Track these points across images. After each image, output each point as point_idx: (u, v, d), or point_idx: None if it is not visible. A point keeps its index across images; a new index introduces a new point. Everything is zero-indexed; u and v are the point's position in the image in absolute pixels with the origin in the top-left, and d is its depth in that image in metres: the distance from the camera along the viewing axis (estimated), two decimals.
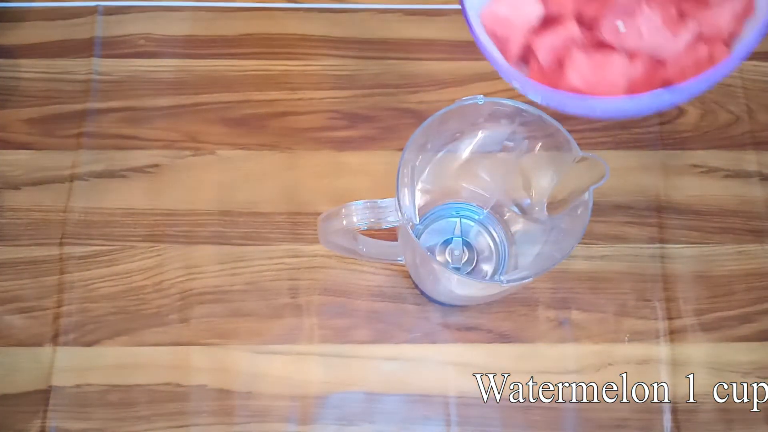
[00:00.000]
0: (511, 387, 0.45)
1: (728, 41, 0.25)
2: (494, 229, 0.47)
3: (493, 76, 0.53)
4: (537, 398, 0.45)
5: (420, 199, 0.45)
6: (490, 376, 0.45)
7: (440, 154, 0.42)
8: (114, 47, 0.53)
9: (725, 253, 0.49)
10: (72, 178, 0.49)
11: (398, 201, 0.35)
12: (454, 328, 0.47)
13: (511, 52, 0.28)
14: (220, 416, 0.44)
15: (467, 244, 0.47)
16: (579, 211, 0.36)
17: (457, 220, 0.47)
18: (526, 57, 0.28)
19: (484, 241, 0.47)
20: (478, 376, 0.45)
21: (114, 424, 0.44)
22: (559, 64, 0.27)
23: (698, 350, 0.46)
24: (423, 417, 0.45)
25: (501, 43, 0.28)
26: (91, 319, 0.46)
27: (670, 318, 0.47)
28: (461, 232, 0.47)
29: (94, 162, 0.50)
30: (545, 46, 0.28)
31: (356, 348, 0.46)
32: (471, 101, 0.36)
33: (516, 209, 0.45)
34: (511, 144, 0.40)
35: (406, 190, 0.37)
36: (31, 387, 0.45)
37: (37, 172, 0.50)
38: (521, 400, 0.45)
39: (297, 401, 0.45)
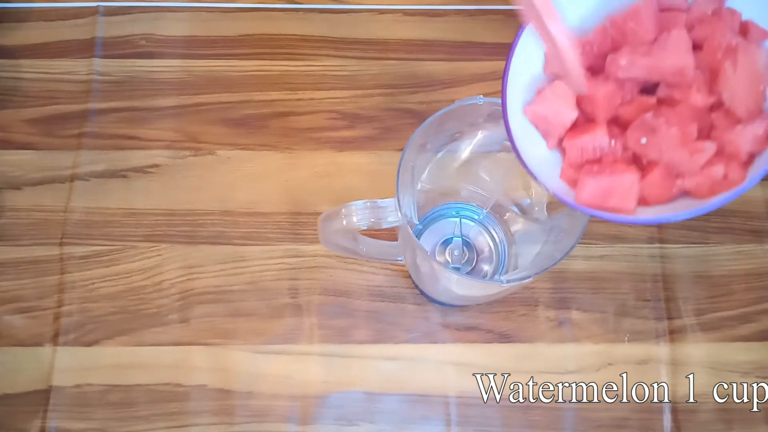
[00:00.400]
0: (511, 387, 0.45)
1: (748, 161, 0.26)
2: (494, 229, 0.47)
3: (493, 76, 0.53)
4: (537, 398, 0.45)
5: (420, 199, 0.45)
6: (490, 376, 0.45)
7: (440, 154, 0.43)
8: (115, 48, 0.53)
9: (725, 253, 0.49)
10: (73, 178, 0.50)
11: (398, 201, 0.35)
12: (454, 328, 0.47)
13: (551, 143, 0.29)
14: (220, 416, 0.44)
15: (467, 244, 0.47)
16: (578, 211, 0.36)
17: (457, 220, 0.48)
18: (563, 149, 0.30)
19: (483, 241, 0.47)
20: (478, 376, 0.45)
21: (114, 424, 0.44)
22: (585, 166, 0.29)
23: (698, 350, 0.46)
24: (423, 417, 0.45)
25: (542, 135, 0.30)
26: (91, 319, 0.46)
27: (669, 318, 0.47)
28: (461, 232, 0.47)
29: (94, 162, 0.50)
30: (575, 148, 0.29)
31: (356, 348, 0.46)
32: (471, 101, 0.36)
33: (516, 209, 0.45)
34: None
35: (406, 190, 0.37)
36: (31, 387, 0.45)
37: (38, 172, 0.50)
38: (521, 400, 0.45)
39: (297, 401, 0.45)
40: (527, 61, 0.30)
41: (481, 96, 0.36)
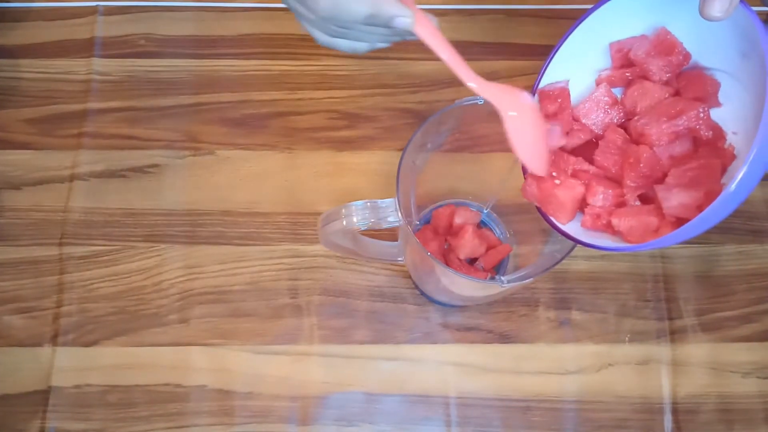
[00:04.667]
0: (511, 387, 0.45)
1: (677, 223, 0.30)
2: (494, 229, 0.47)
3: (493, 76, 0.53)
4: (537, 398, 0.45)
5: (420, 199, 0.45)
6: (491, 376, 0.45)
7: (440, 154, 0.42)
8: (114, 47, 0.53)
9: (726, 254, 0.49)
10: (72, 178, 0.49)
11: (398, 201, 0.34)
12: (454, 329, 0.46)
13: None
14: (220, 416, 0.44)
15: None
16: None
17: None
18: None
19: None
20: (479, 376, 0.45)
21: (113, 425, 0.44)
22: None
23: (698, 350, 0.46)
24: (423, 417, 0.45)
25: None
26: (90, 319, 0.46)
27: (670, 318, 0.47)
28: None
29: (94, 162, 0.50)
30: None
31: (356, 348, 0.46)
32: (471, 101, 0.36)
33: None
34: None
35: (406, 190, 0.37)
36: (30, 387, 0.45)
37: (38, 172, 0.50)
38: (521, 400, 0.45)
39: (297, 402, 0.45)
40: None
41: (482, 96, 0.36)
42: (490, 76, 0.53)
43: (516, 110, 0.31)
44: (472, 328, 0.46)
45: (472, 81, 0.31)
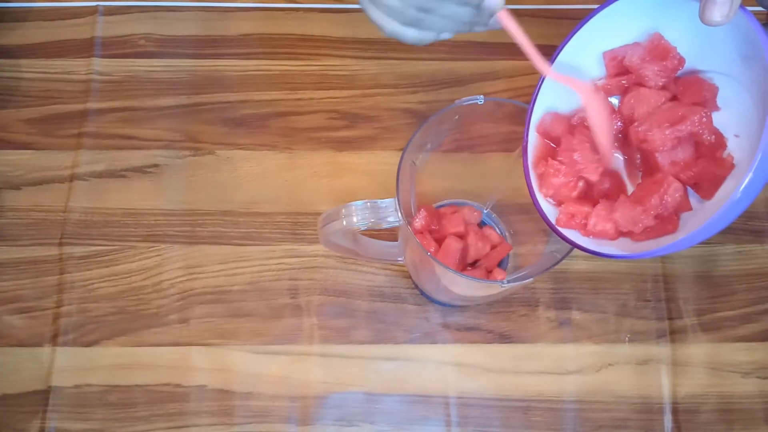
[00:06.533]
0: (511, 387, 0.45)
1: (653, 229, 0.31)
2: (495, 229, 0.47)
3: (493, 76, 0.53)
4: (537, 398, 0.45)
5: (420, 199, 0.44)
6: (491, 376, 0.45)
7: (440, 154, 0.42)
8: (114, 47, 0.53)
9: (725, 253, 0.49)
10: (72, 178, 0.49)
11: (398, 201, 0.34)
12: (454, 329, 0.46)
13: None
14: (219, 416, 0.44)
15: None
16: None
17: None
18: None
19: None
20: (479, 376, 0.45)
21: (113, 425, 0.44)
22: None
23: (698, 350, 0.46)
24: (423, 417, 0.45)
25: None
26: (90, 319, 0.46)
27: (670, 318, 0.47)
28: None
29: (94, 162, 0.50)
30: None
31: (356, 348, 0.46)
32: (471, 101, 0.36)
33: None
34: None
35: (406, 189, 0.37)
36: (30, 387, 0.45)
37: (38, 172, 0.50)
38: (521, 400, 0.45)
39: (297, 401, 0.45)
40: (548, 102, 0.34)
41: (481, 96, 0.36)
42: (491, 76, 0.53)
43: (592, 98, 0.32)
44: (472, 328, 0.46)
45: (546, 69, 0.32)
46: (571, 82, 0.32)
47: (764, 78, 0.27)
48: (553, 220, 0.33)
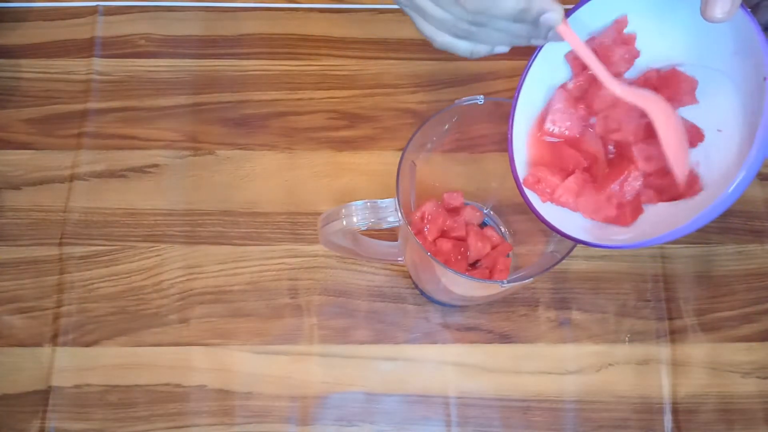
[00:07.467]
0: (511, 387, 0.45)
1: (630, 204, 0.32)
2: (495, 229, 0.47)
3: (493, 76, 0.53)
4: (537, 398, 0.45)
5: (420, 200, 0.45)
6: (491, 376, 0.45)
7: (440, 154, 0.42)
8: (114, 47, 0.53)
9: (726, 254, 0.49)
10: (72, 178, 0.49)
11: (398, 201, 0.34)
12: (454, 329, 0.46)
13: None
14: (219, 416, 0.44)
15: None
16: None
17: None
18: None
19: None
20: (479, 376, 0.45)
21: (113, 425, 0.44)
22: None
23: (698, 350, 0.46)
24: (423, 417, 0.45)
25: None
26: (90, 319, 0.46)
27: (670, 318, 0.47)
28: None
29: (94, 162, 0.50)
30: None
31: (356, 348, 0.46)
32: (471, 101, 0.36)
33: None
34: None
35: (406, 189, 0.37)
36: (30, 387, 0.45)
37: (38, 172, 0.50)
38: (521, 400, 0.45)
39: (297, 401, 0.45)
40: (534, 91, 0.34)
41: (481, 96, 0.36)
42: (490, 76, 0.53)
43: (662, 113, 0.30)
44: (472, 328, 0.46)
45: (614, 86, 0.30)
46: (638, 96, 0.31)
47: (755, 75, 0.27)
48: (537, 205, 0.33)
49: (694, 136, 0.31)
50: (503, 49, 0.34)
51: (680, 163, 0.30)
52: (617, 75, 0.32)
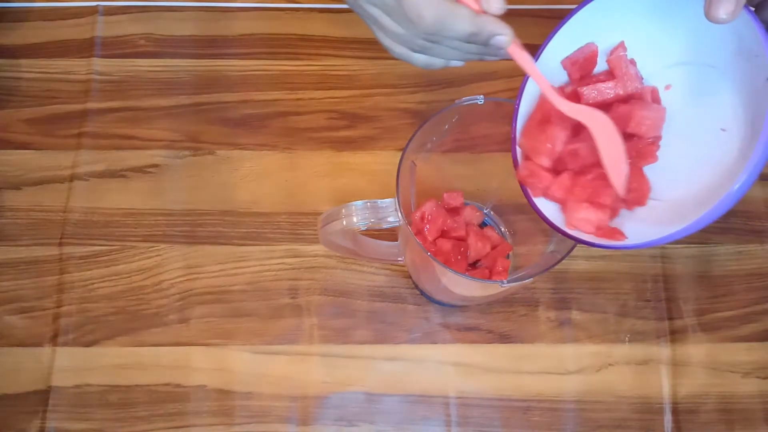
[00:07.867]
0: (511, 387, 0.45)
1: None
2: (495, 229, 0.47)
3: (493, 76, 0.53)
4: (537, 398, 0.45)
5: (420, 200, 0.45)
6: (491, 376, 0.45)
7: (440, 154, 0.42)
8: (114, 47, 0.53)
9: (726, 254, 0.49)
10: (72, 178, 0.49)
11: (398, 201, 0.34)
12: (454, 329, 0.46)
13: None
14: (220, 416, 0.44)
15: None
16: None
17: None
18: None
19: None
20: (479, 376, 0.45)
21: (113, 425, 0.44)
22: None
23: (698, 350, 0.46)
24: (423, 417, 0.45)
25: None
26: (90, 319, 0.46)
27: (670, 318, 0.47)
28: None
29: (94, 162, 0.50)
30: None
31: (356, 348, 0.46)
32: (471, 101, 0.36)
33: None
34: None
35: (406, 190, 0.37)
36: (30, 387, 0.45)
37: (38, 172, 0.50)
38: (521, 400, 0.45)
39: (297, 401, 0.45)
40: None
41: (481, 96, 0.36)
42: (490, 76, 0.53)
43: (604, 131, 0.32)
44: (472, 328, 0.46)
45: (561, 104, 0.32)
46: (582, 113, 0.32)
47: (758, 75, 0.27)
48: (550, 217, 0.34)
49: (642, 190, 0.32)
50: (458, 63, 0.36)
51: (618, 177, 0.32)
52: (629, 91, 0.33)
